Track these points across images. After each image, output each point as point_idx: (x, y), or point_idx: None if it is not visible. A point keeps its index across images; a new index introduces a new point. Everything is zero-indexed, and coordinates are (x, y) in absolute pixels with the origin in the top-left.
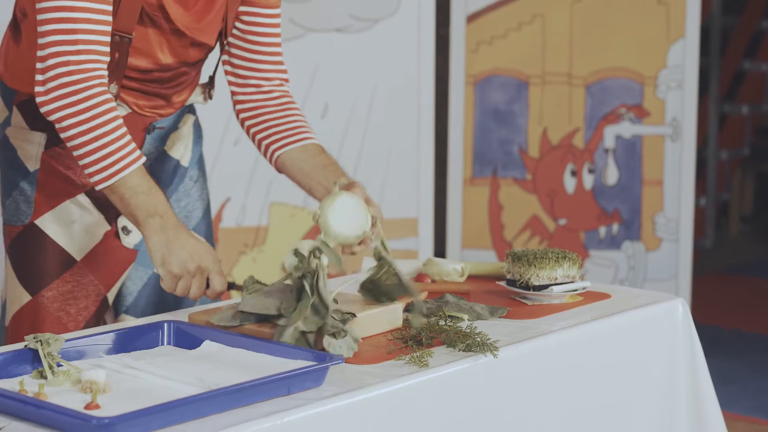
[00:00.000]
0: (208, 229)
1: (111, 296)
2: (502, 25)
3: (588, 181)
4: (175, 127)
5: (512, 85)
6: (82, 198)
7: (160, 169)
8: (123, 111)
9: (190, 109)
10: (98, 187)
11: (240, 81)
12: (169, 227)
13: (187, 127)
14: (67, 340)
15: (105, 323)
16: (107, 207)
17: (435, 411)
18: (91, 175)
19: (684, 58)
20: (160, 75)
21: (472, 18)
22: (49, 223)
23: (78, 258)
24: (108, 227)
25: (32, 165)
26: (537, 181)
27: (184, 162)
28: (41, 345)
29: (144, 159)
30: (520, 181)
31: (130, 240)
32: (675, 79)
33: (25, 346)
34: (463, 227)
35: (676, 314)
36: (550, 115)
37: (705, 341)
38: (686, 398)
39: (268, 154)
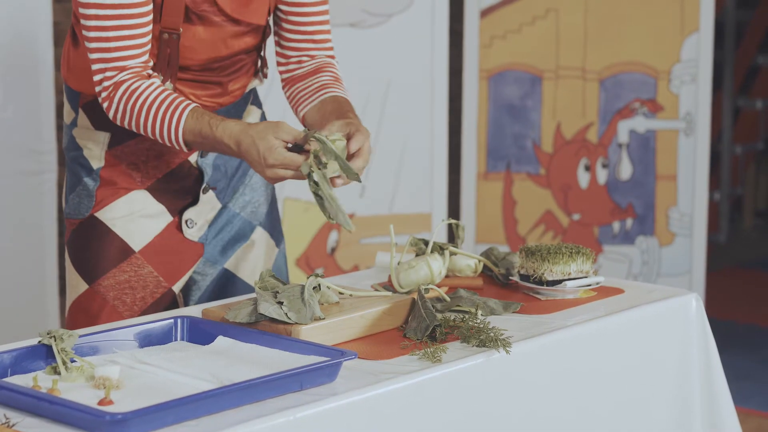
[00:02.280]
0: (273, 224)
1: (177, 289)
2: (516, 19)
3: (602, 175)
4: (237, 115)
5: (526, 79)
6: (145, 194)
7: (225, 161)
8: None
9: (255, 102)
10: (185, 149)
11: (283, 60)
12: (241, 150)
13: (252, 119)
14: (81, 336)
15: None
16: (171, 200)
17: (448, 406)
18: (170, 146)
19: (698, 53)
20: (217, 65)
21: (485, 12)
22: (108, 214)
23: (136, 249)
24: (171, 218)
25: (96, 163)
26: (551, 175)
27: None
28: (55, 341)
29: (189, 106)
30: (534, 176)
31: (194, 233)
32: (689, 73)
33: (39, 341)
34: (476, 222)
35: (690, 309)
36: (563, 110)
37: (719, 336)
38: (699, 393)
39: (298, 117)
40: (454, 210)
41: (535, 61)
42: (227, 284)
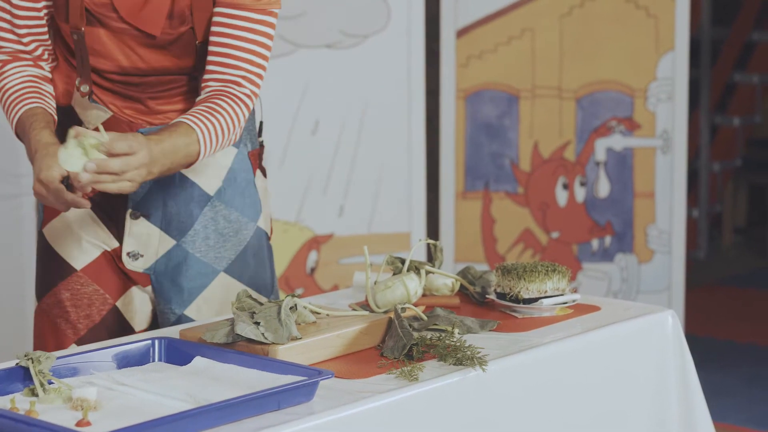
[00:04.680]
0: (252, 276)
1: (124, 308)
2: (492, 39)
3: (580, 193)
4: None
5: (503, 98)
6: (85, 210)
7: (167, 188)
8: (102, 113)
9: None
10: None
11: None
12: (35, 157)
13: (222, 157)
14: (58, 358)
15: (125, 330)
16: (115, 222)
17: (426, 425)
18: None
19: (674, 71)
20: (128, 79)
21: (461, 32)
22: (51, 231)
23: (77, 267)
24: (115, 245)
25: None
26: (529, 194)
27: (208, 189)
28: (32, 362)
29: (24, 108)
30: (512, 195)
31: (138, 264)
32: (665, 91)
33: (17, 363)
34: (455, 241)
35: (666, 326)
36: (540, 129)
37: (698, 353)
38: (677, 410)
39: None
40: (433, 229)
41: (512, 80)
42: None
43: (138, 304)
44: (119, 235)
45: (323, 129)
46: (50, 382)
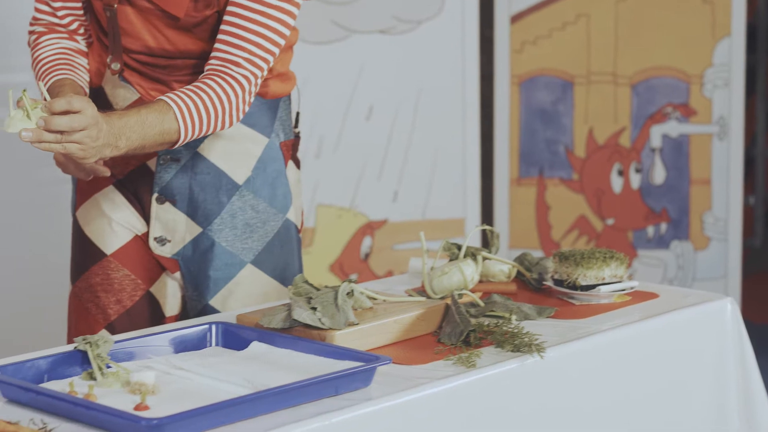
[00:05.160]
0: (280, 268)
1: (158, 293)
2: (547, 24)
3: (635, 180)
4: None
5: (557, 84)
6: (115, 192)
7: (193, 175)
8: (130, 94)
9: (263, 131)
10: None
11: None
12: None
13: (252, 145)
14: (116, 342)
15: (156, 317)
16: (141, 205)
17: (483, 411)
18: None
19: (730, 56)
20: (155, 60)
21: (516, 18)
22: (83, 214)
23: (107, 252)
24: (144, 230)
25: None
26: (584, 180)
27: (236, 178)
28: (90, 347)
29: (54, 79)
30: (567, 181)
31: (166, 250)
32: (721, 77)
33: (75, 347)
34: (510, 227)
35: (725, 314)
36: (595, 115)
37: (756, 340)
38: (737, 398)
39: None
40: (487, 215)
41: (567, 66)
42: None
43: (170, 289)
44: (147, 220)
45: (377, 115)
46: (108, 366)
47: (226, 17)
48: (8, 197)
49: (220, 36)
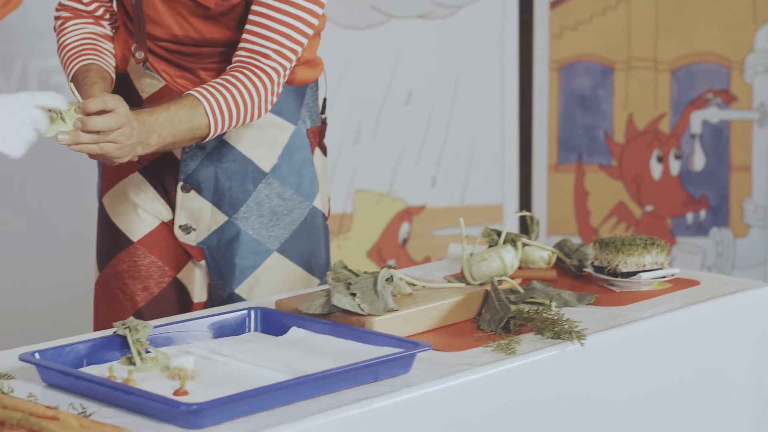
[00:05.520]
0: (306, 256)
1: (186, 280)
2: (587, 10)
3: (674, 167)
4: None
5: (597, 70)
6: (141, 178)
7: (219, 163)
8: (156, 82)
9: (290, 118)
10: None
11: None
12: None
13: (278, 132)
14: (155, 327)
15: (183, 304)
16: (167, 193)
17: (523, 398)
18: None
19: None
20: (181, 48)
21: (555, 3)
22: (109, 200)
23: (134, 239)
24: (170, 217)
25: None
26: (623, 167)
27: (263, 165)
28: (129, 332)
29: (80, 64)
30: (606, 167)
31: (191, 238)
32: (762, 63)
33: (114, 332)
34: (548, 214)
35: (765, 301)
36: (635, 101)
37: None
38: None
39: None
40: (525, 201)
41: (607, 51)
42: None
43: (197, 276)
44: (172, 207)
45: (416, 100)
46: (147, 351)
47: (254, 7)
48: (33, 185)
49: (248, 27)
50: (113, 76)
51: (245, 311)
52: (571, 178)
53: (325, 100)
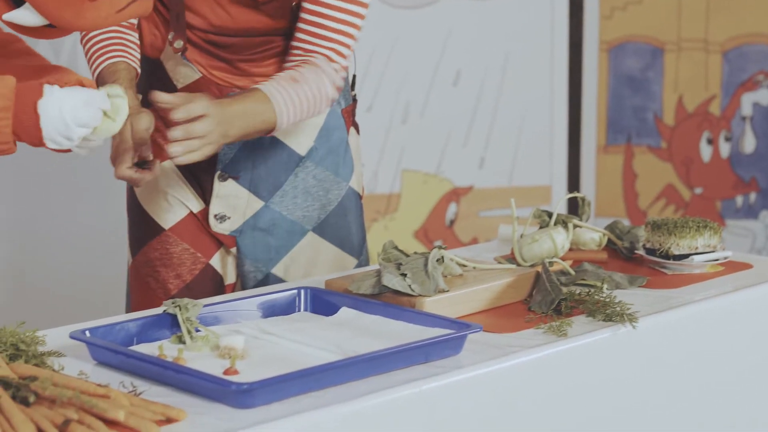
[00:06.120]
0: (342, 236)
1: (216, 262)
2: None
3: (725, 149)
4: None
5: (647, 51)
6: (172, 167)
7: (256, 150)
8: (192, 73)
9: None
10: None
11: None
12: None
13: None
14: (205, 306)
15: (217, 290)
16: (200, 183)
17: (574, 381)
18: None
19: None
20: (218, 39)
21: None
22: (140, 189)
23: (165, 227)
24: (201, 206)
25: None
26: (672, 149)
27: (299, 149)
28: (179, 310)
29: (107, 62)
30: (655, 149)
31: (225, 227)
32: None
33: (164, 311)
34: (596, 195)
35: None
36: (685, 82)
37: None
38: None
39: None
40: (573, 183)
41: (657, 32)
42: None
43: (230, 261)
44: (205, 197)
45: (464, 80)
46: (197, 330)
47: (306, 4)
48: (64, 173)
49: (303, 25)
50: (138, 71)
51: (295, 291)
52: (619, 159)
53: (354, 76)
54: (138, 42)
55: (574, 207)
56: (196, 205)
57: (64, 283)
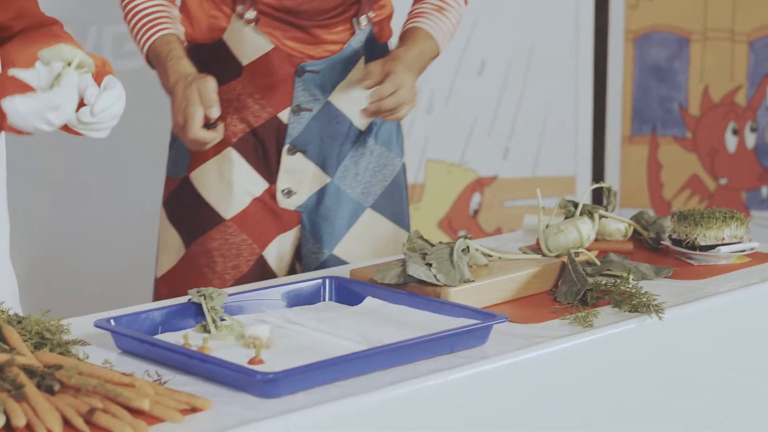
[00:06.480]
0: (396, 212)
1: (267, 254)
2: None
3: (750, 139)
4: (339, 75)
5: (672, 41)
6: (234, 153)
7: (323, 127)
8: (264, 44)
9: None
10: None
11: None
12: (174, 89)
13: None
14: (230, 295)
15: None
16: (261, 160)
17: (600, 371)
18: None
19: None
20: (293, 5)
21: None
22: (200, 178)
23: (226, 217)
24: (266, 186)
25: None
26: (697, 139)
27: (360, 124)
28: (204, 299)
29: (158, 34)
30: (680, 140)
31: (291, 202)
32: None
33: (189, 299)
34: (621, 186)
35: None
36: (711, 72)
37: None
38: None
39: None
40: (598, 173)
41: (683, 22)
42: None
43: (283, 250)
44: (270, 175)
45: (489, 70)
46: (222, 319)
47: None
48: (132, 148)
49: None
50: (186, 43)
51: (320, 280)
52: (644, 150)
53: None
54: (179, 17)
55: (598, 198)
56: (261, 186)
57: (92, 272)
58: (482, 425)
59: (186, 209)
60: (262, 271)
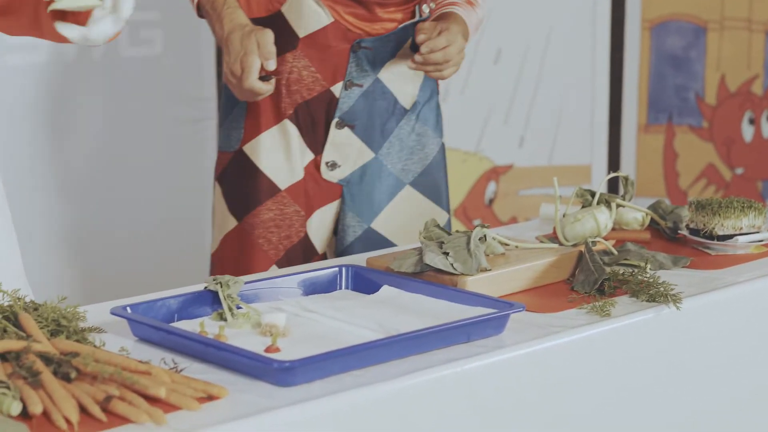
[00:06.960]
0: (435, 190)
1: (309, 228)
2: None
3: (766, 129)
4: (390, 53)
5: (689, 30)
6: (289, 125)
7: (372, 102)
8: (323, 17)
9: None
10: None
11: None
12: (228, 38)
13: (413, 72)
14: (246, 283)
15: (308, 256)
16: (312, 132)
17: (617, 361)
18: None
19: None
20: None
21: None
22: (255, 150)
23: (282, 187)
24: (312, 157)
25: None
26: (714, 128)
27: (405, 102)
28: (221, 287)
29: None
30: (696, 129)
31: (335, 174)
32: None
33: (205, 287)
34: (637, 175)
35: None
36: (728, 62)
37: None
38: None
39: None
40: (614, 162)
41: (699, 11)
42: (371, 246)
43: (325, 223)
44: (315, 146)
45: (505, 58)
46: (239, 307)
47: None
48: (146, 135)
49: None
50: None
51: (336, 269)
52: (660, 139)
53: None
54: None
55: (614, 187)
56: (308, 157)
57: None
58: (498, 414)
59: (241, 181)
60: (305, 244)
